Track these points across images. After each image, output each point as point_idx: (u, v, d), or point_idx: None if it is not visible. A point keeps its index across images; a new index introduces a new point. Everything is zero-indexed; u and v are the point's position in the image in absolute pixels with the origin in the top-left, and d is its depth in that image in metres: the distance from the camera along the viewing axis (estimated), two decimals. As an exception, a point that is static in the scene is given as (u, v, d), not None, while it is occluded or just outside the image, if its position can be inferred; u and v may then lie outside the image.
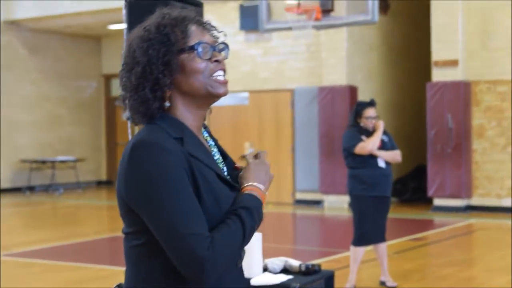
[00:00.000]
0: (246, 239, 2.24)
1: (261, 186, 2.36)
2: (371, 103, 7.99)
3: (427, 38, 15.22)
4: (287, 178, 16.28)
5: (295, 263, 5.28)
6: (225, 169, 2.41)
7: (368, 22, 11.47)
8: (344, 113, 15.30)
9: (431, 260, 10.15)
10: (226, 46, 2.40)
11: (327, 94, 15.55)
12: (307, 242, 12.41)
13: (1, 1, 19.66)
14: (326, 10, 11.85)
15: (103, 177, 22.40)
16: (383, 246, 7.97)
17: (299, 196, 16.20)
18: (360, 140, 7.78)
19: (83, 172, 20.95)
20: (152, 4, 5.29)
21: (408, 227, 13.23)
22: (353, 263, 7.92)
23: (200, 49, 2.30)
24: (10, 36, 20.00)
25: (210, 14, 15.58)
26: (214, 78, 2.32)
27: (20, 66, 20.04)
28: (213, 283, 2.21)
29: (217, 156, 2.42)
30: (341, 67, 15.53)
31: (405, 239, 11.51)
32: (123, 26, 19.28)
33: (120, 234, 2.45)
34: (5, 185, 19.71)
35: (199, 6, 5.82)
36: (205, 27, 2.38)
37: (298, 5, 12.15)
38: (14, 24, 19.84)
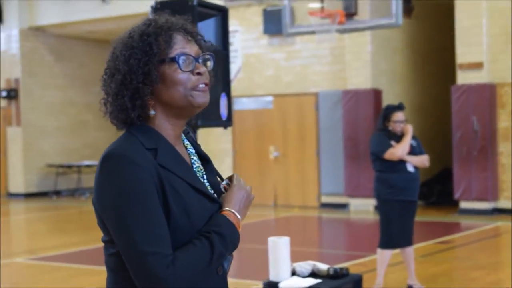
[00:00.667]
0: (212, 263, 2.21)
1: (238, 215, 2.32)
2: (400, 107, 7.97)
3: (452, 41, 15.17)
4: (312, 181, 16.27)
5: (323, 266, 5.30)
6: (205, 177, 2.38)
7: (392, 25, 11.44)
8: (368, 117, 15.28)
9: (458, 263, 10.11)
10: (211, 57, 2.36)
11: (351, 98, 15.53)
12: (333, 245, 12.39)
13: (26, 8, 19.82)
14: (350, 14, 11.82)
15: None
16: (410, 250, 7.95)
17: (325, 199, 16.18)
18: (390, 145, 7.75)
19: (109, 177, 21.06)
20: (177, 9, 5.34)
21: (435, 230, 13.18)
22: (380, 266, 7.91)
23: (181, 61, 2.26)
24: (35, 42, 20.16)
25: (233, 19, 15.61)
26: (196, 89, 2.27)
27: (45, 72, 20.18)
28: None
29: (196, 164, 2.38)
30: (365, 71, 15.52)
31: (431, 242, 11.47)
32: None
33: None
34: (31, 189, 19.85)
35: (224, 11, 5.84)
36: (192, 36, 2.34)
37: (322, 9, 12.14)
38: (39, 30, 19.99)
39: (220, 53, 5.59)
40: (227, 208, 2.31)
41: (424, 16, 16.92)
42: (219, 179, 2.47)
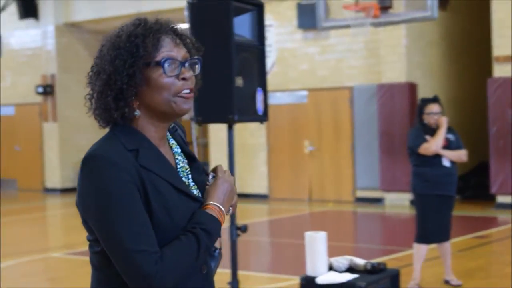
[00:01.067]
0: (199, 258, 2.24)
1: (222, 208, 2.34)
2: (433, 99, 7.93)
3: (487, 34, 15.02)
4: (347, 176, 16.22)
5: (360, 261, 5.28)
6: (189, 177, 2.39)
7: (427, 18, 11.36)
8: (403, 110, 15.19)
9: (495, 258, 10.02)
10: (199, 61, 2.36)
11: (386, 92, 15.45)
12: (368, 240, 12.35)
13: (61, 4, 19.97)
14: (385, 7, 11.75)
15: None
16: (447, 245, 7.90)
17: (360, 194, 16.13)
18: (424, 140, 7.72)
19: (144, 172, 21.15)
20: (213, 5, 5.35)
21: (471, 224, 13.07)
22: (417, 261, 7.87)
23: (166, 65, 2.25)
24: (70, 38, 20.32)
25: (268, 13, 15.59)
26: (179, 95, 2.27)
27: (80, 68, 20.28)
28: None
29: (181, 164, 2.38)
30: (400, 64, 15.42)
31: (468, 237, 11.39)
32: (180, 26, 19.34)
33: None
34: (67, 184, 20.02)
35: (260, 6, 5.83)
36: (181, 38, 2.34)
37: (356, 2, 12.10)
38: (74, 26, 20.14)
39: (256, 48, 5.59)
40: (211, 202, 2.33)
41: (459, 8, 16.77)
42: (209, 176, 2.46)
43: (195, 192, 2.36)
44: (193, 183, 2.38)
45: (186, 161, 2.41)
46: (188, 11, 5.48)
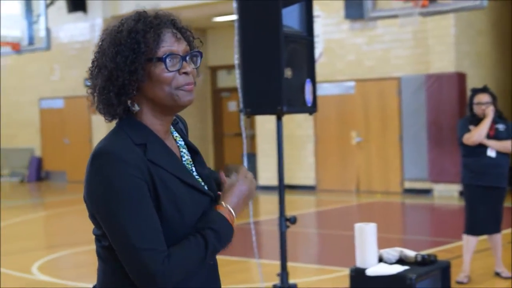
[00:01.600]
0: (206, 259, 2.26)
1: (232, 211, 2.33)
2: (482, 89, 7.84)
3: (539, 22, 14.79)
4: (395, 167, 16.12)
5: (410, 253, 5.25)
6: (193, 169, 2.40)
7: (477, 7, 11.25)
8: (452, 100, 15.04)
9: (547, 250, 9.88)
10: (199, 54, 2.38)
11: (434, 82, 15.31)
12: (417, 231, 12.27)
13: (109, -3, 20.14)
14: (433, -4, 11.61)
15: (211, 167, 22.59)
16: (497, 237, 7.82)
17: (408, 185, 16.02)
18: (468, 130, 7.65)
19: (191, 163, 21.23)
20: (262, -4, 5.33)
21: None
22: (466, 252, 7.81)
23: (168, 61, 2.27)
24: (115, 22, 20.47)
25: (315, 4, 15.52)
26: (181, 88, 2.30)
27: (128, 60, 20.46)
28: (179, 283, 2.22)
29: (186, 157, 2.40)
30: (449, 54, 15.26)
31: (519, 228, 11.24)
32: (228, 18, 19.46)
33: None
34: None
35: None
36: (181, 32, 2.35)
37: (405, -8, 11.97)
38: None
39: (305, 39, 5.57)
40: (222, 203, 2.33)
41: (509, -3, 16.54)
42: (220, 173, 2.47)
43: (202, 184, 2.37)
44: (197, 176, 2.39)
45: (189, 154, 2.44)
46: (237, 2, 5.48)
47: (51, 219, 14.76)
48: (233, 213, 2.34)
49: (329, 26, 16.79)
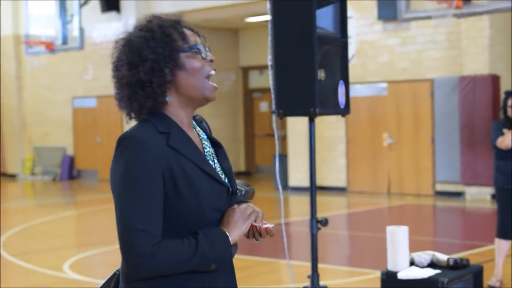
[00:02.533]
0: (193, 261, 2.35)
1: (230, 238, 2.44)
2: (515, 92, 7.77)
3: None
4: (427, 169, 16.02)
5: (442, 257, 5.20)
6: (215, 160, 2.56)
7: (512, 8, 11.13)
8: (486, 103, 14.91)
9: None
10: (209, 48, 2.56)
11: (468, 84, 15.19)
12: (448, 234, 12.18)
13: (143, -3, 20.23)
14: (468, -2, 11.53)
15: (242, 168, 22.69)
16: (530, 241, 7.75)
17: (439, 187, 15.91)
18: (501, 133, 7.59)
19: (222, 163, 21.24)
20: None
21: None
22: (498, 256, 7.75)
23: (200, 48, 2.48)
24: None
25: (348, 5, 15.48)
26: (210, 82, 2.50)
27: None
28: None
29: (207, 149, 2.55)
30: (483, 56, 15.13)
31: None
32: (260, 18, 19.43)
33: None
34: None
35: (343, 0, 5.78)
36: (193, 30, 2.55)
37: (438, -7, 11.89)
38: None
39: (338, 41, 5.55)
40: (222, 226, 2.47)
41: (544, -1, 16.37)
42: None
43: (222, 177, 2.53)
44: (219, 168, 2.55)
45: (212, 147, 2.59)
46: (271, 3, 5.47)
47: (83, 218, 14.86)
48: (227, 234, 2.44)
49: (362, 27, 16.73)
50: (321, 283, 5.67)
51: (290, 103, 5.39)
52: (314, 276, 5.59)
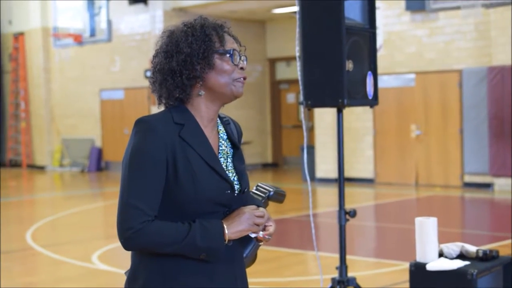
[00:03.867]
0: (180, 249, 2.51)
1: (227, 233, 2.58)
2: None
3: None
4: (456, 160, 15.93)
5: (471, 248, 5.17)
6: (229, 161, 2.72)
7: (542, -2, 11.01)
8: (515, 94, 14.80)
9: None
10: (246, 58, 2.73)
11: (496, 74, 15.07)
12: (477, 226, 12.11)
13: (170, -11, 20.25)
14: (497, -12, 11.42)
15: (269, 159, 22.69)
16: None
17: (468, 179, 15.82)
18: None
19: (249, 155, 21.30)
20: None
21: None
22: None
23: (233, 54, 2.66)
24: (178, 22, 20.56)
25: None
26: (238, 83, 2.68)
27: (188, 52, 20.54)
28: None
29: (223, 147, 2.72)
30: (512, 46, 14.99)
31: None
32: (288, 10, 19.43)
33: (285, 216, 2.65)
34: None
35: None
36: (234, 38, 2.74)
37: (467, -17, 11.80)
38: (182, 11, 20.39)
39: (367, 32, 5.53)
40: (225, 220, 2.61)
41: None
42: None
43: (231, 175, 2.69)
44: (231, 167, 2.71)
45: (230, 147, 2.76)
46: (298, -4, 5.45)
47: (111, 209, 14.93)
48: (226, 233, 2.58)
49: (389, 18, 16.65)
50: (350, 274, 5.66)
51: (318, 94, 5.37)
52: (342, 267, 5.58)
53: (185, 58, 2.62)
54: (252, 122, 22.18)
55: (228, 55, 2.65)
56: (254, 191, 2.98)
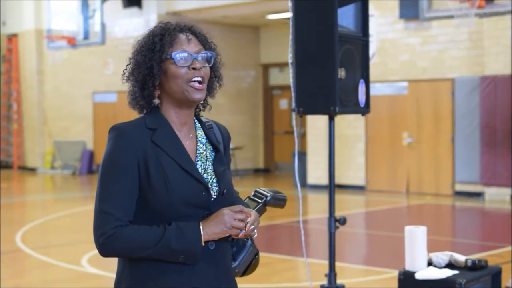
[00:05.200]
0: (156, 252, 2.52)
1: (203, 234, 2.56)
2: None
3: None
4: (447, 169, 15.96)
5: (460, 258, 5.18)
6: (208, 164, 2.70)
7: (535, 9, 11.05)
8: (507, 103, 14.83)
9: None
10: (212, 54, 2.73)
11: (489, 84, 15.11)
12: (467, 235, 12.14)
13: (164, -7, 20.24)
14: (490, -2, 11.47)
15: (260, 165, 22.69)
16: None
17: (459, 187, 15.85)
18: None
19: (241, 160, 21.31)
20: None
21: None
22: (518, 258, 7.71)
23: (178, 57, 2.63)
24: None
25: (369, 3, 15.43)
26: (191, 84, 2.64)
27: (181, 56, 20.53)
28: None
29: (201, 151, 2.71)
30: (505, 56, 15.03)
31: None
32: (281, 16, 19.43)
33: (275, 222, 2.64)
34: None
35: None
36: (197, 36, 2.72)
37: (461, -8, 11.84)
38: (176, 15, 20.39)
39: (359, 40, 5.54)
40: (203, 221, 2.60)
41: None
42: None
43: (209, 177, 2.68)
44: (211, 170, 2.70)
45: (210, 150, 2.75)
46: (292, 1, 5.47)
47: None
48: (202, 234, 2.57)
49: (383, 26, 16.68)
50: (339, 281, 5.67)
51: (310, 101, 5.38)
52: (332, 274, 5.59)
53: (132, 70, 2.67)
54: (244, 127, 22.18)
55: (172, 59, 2.63)
56: (251, 196, 2.94)
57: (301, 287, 8.04)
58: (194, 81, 2.65)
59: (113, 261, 2.81)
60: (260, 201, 2.89)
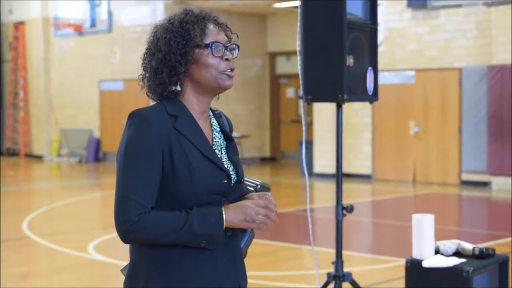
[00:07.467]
0: (179, 238, 2.51)
1: (225, 218, 2.56)
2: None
3: None
4: (454, 158, 15.94)
5: (468, 246, 5.17)
6: (223, 151, 2.72)
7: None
8: (514, 93, 14.80)
9: None
10: (237, 47, 2.73)
11: (496, 73, 15.07)
12: (474, 224, 12.13)
13: (171, -19, 20.21)
14: (499, -14, 11.41)
15: (267, 153, 22.69)
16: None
17: (465, 177, 15.83)
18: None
19: (248, 149, 21.31)
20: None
21: None
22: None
23: (213, 47, 2.64)
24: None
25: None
26: (226, 72, 2.66)
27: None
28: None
29: (217, 139, 2.72)
30: (513, 45, 14.98)
31: None
32: (288, 4, 19.42)
33: (281, 210, 2.62)
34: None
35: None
36: (222, 27, 2.72)
37: (469, -19, 11.78)
38: (183, 4, 20.36)
39: (368, 27, 5.52)
40: (226, 208, 2.59)
41: None
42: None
43: (226, 165, 2.68)
44: (226, 158, 2.71)
45: (223, 139, 2.76)
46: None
47: (108, 200, 14.93)
48: (224, 216, 2.57)
49: (390, 15, 16.64)
50: (345, 269, 5.67)
51: (318, 89, 5.36)
52: (338, 262, 5.58)
53: (164, 56, 2.62)
54: (251, 116, 22.16)
55: (208, 48, 2.63)
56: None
57: (308, 274, 8.05)
58: (226, 72, 2.66)
59: (120, 248, 2.80)
60: (252, 189, 2.90)
